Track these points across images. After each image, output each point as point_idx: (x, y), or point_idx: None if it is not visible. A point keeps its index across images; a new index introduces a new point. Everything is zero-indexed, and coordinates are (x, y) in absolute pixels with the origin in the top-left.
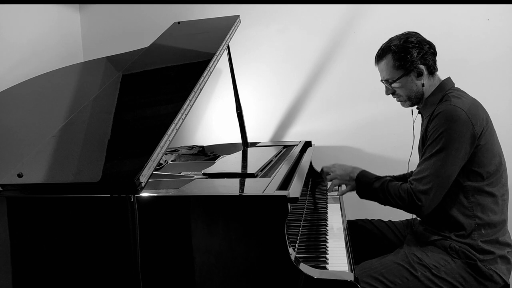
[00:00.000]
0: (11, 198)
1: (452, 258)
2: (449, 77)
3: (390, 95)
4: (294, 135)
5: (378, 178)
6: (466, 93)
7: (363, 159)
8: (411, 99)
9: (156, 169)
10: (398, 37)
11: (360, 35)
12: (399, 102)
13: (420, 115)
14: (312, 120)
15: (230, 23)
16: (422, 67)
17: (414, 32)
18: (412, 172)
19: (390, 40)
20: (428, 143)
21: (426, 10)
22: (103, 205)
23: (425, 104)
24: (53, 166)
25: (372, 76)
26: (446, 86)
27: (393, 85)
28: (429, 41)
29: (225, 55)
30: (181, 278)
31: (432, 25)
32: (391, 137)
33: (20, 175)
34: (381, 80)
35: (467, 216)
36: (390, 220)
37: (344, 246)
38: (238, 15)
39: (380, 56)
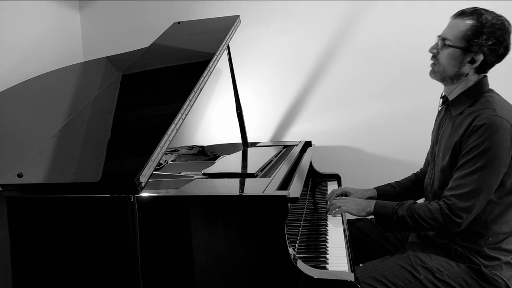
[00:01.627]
0: (11, 198)
1: (456, 262)
2: (486, 76)
3: (431, 55)
4: (294, 135)
5: (400, 204)
6: (503, 98)
7: (363, 159)
8: (444, 73)
9: (156, 169)
10: (496, 15)
11: (360, 35)
12: (431, 67)
13: (443, 108)
14: (312, 120)
15: (230, 23)
16: (481, 57)
17: (509, 23)
18: (420, 172)
19: (485, 10)
20: (469, 156)
21: (426, 10)
22: (103, 205)
23: (458, 98)
24: (53, 166)
25: (372, 76)
26: (484, 87)
27: (444, 47)
28: (510, 43)
29: (225, 55)
30: (181, 278)
31: (433, 25)
32: (391, 137)
33: (20, 175)
34: (439, 36)
35: (481, 226)
36: None
37: (344, 246)
38: (238, 15)
39: (463, 14)
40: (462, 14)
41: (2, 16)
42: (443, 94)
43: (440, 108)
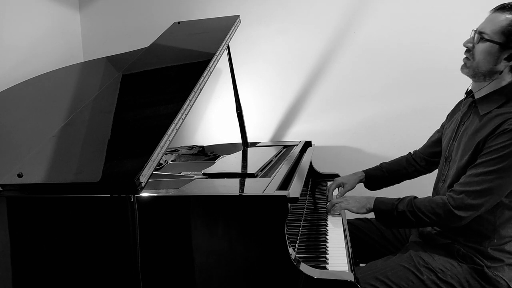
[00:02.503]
0: (11, 198)
1: (459, 262)
2: None
3: (465, 49)
4: (294, 135)
5: (400, 199)
6: None
7: (363, 159)
8: (477, 69)
9: (156, 169)
10: None
11: (360, 35)
12: (463, 62)
13: (468, 105)
14: (312, 120)
15: (230, 23)
16: None
17: None
18: (413, 154)
19: None
20: (489, 157)
21: (427, 10)
22: (103, 205)
23: (486, 98)
24: (53, 166)
25: (372, 76)
26: None
27: (480, 42)
28: None
29: (225, 55)
30: (181, 278)
31: (433, 25)
32: (391, 137)
33: (20, 175)
34: (475, 30)
35: (488, 228)
36: None
37: (344, 246)
38: (238, 15)
39: (504, 8)
40: (502, 8)
41: (2, 16)
42: (469, 89)
43: (464, 104)
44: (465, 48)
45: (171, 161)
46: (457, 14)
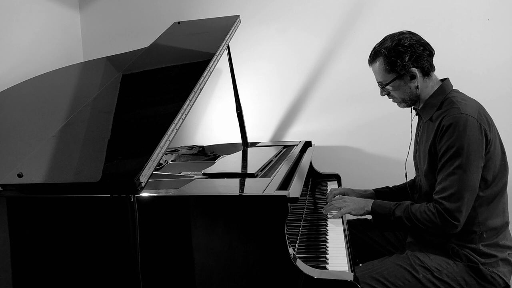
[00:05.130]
0: (11, 198)
1: (454, 260)
2: (448, 78)
3: (386, 96)
4: (294, 135)
5: (397, 205)
6: (467, 96)
7: (363, 159)
8: (405, 101)
9: (156, 169)
10: (391, 38)
11: (360, 35)
12: (395, 103)
13: (417, 116)
14: (312, 120)
15: (230, 23)
16: (414, 70)
17: (408, 32)
18: (411, 181)
19: (383, 41)
20: (446, 157)
21: (425, 10)
22: (103, 205)
23: (424, 106)
24: (53, 166)
25: (372, 76)
26: (447, 88)
27: (386, 87)
28: (424, 41)
29: (225, 55)
30: (181, 278)
31: (432, 25)
32: (391, 137)
33: (20, 175)
34: (377, 81)
35: (473, 224)
36: None
37: (344, 246)
38: (238, 15)
39: (372, 58)
40: (372, 58)
41: (2, 16)
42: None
43: (413, 118)
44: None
45: (171, 161)
46: (456, 14)
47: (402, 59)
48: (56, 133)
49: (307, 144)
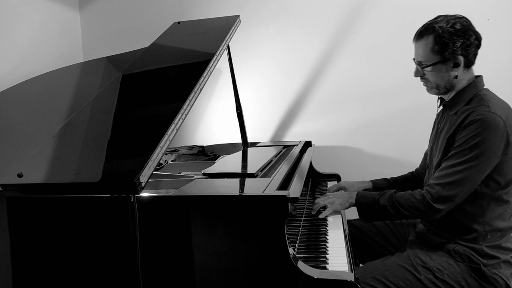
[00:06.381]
0: (11, 198)
1: (456, 261)
2: (481, 76)
3: (419, 78)
4: (294, 135)
5: (381, 194)
6: (497, 96)
7: (363, 159)
8: (439, 88)
9: (156, 169)
10: (447, 19)
11: (359, 35)
12: (425, 87)
13: (441, 108)
14: (312, 120)
15: (230, 23)
16: (461, 58)
17: (464, 18)
18: (416, 172)
19: (437, 19)
20: (459, 148)
21: (425, 10)
22: (103, 205)
23: (454, 98)
24: (53, 166)
25: (372, 76)
26: (480, 85)
27: (425, 69)
28: (476, 31)
29: (225, 55)
30: (181, 278)
31: None
32: (391, 137)
33: (20, 175)
34: (414, 59)
35: (477, 222)
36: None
37: (344, 246)
38: (238, 15)
39: (421, 34)
40: (421, 34)
41: (2, 16)
42: (440, 96)
43: (438, 110)
44: None
45: (171, 161)
46: (456, 13)
47: (454, 43)
48: (56, 133)
49: (307, 144)
